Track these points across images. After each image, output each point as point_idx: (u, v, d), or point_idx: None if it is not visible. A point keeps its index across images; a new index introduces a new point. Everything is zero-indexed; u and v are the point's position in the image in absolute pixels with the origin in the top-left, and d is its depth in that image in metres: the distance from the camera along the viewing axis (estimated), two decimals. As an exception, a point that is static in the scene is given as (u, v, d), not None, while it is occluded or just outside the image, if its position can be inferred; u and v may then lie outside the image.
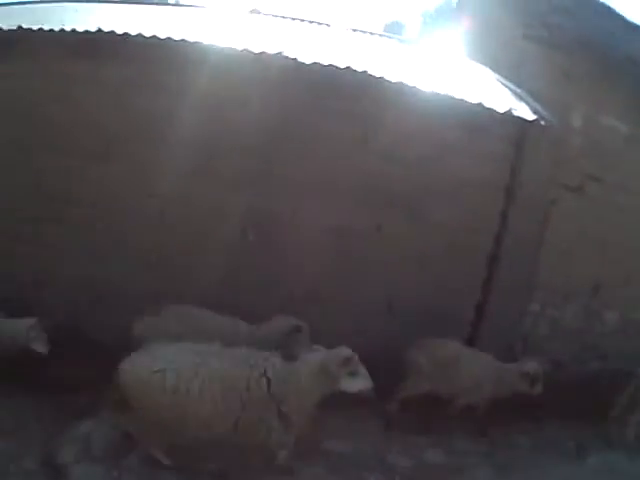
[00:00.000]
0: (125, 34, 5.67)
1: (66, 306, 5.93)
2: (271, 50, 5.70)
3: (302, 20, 10.42)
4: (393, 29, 22.27)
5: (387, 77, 5.84)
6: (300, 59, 5.70)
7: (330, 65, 5.69)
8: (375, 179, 6.21)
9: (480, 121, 6.38)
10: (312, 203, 6.08)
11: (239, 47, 5.70)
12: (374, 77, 5.75)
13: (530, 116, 6.48)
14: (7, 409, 5.33)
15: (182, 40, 5.68)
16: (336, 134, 5.96)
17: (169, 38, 5.66)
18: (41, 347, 5.40)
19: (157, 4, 10.03)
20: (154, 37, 5.66)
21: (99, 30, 5.77)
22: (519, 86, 7.40)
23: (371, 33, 10.93)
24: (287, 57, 5.66)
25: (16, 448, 4.95)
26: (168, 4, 11.63)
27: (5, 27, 6.20)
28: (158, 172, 5.87)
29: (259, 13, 10.52)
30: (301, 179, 6.03)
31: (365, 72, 5.74)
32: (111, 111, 5.94)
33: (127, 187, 5.99)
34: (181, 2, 12.71)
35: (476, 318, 6.74)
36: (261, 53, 5.64)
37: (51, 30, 5.94)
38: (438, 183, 6.41)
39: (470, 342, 6.56)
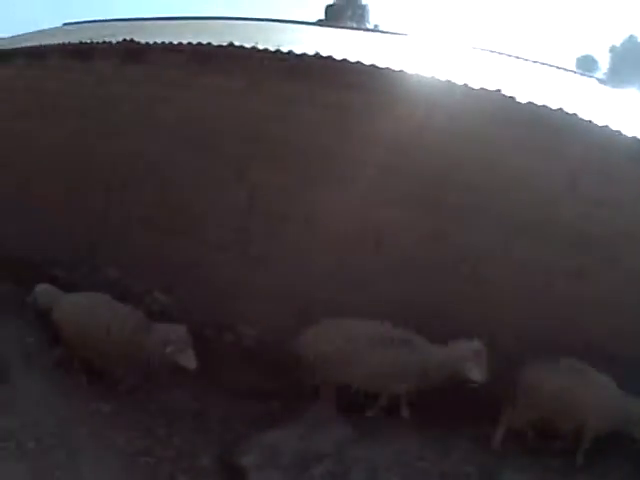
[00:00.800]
0: (344, 60, 5.98)
1: (269, 318, 6.29)
2: (489, 86, 5.81)
3: (498, 52, 10.63)
4: (585, 63, 22.60)
5: (595, 120, 5.88)
6: (517, 98, 5.74)
7: (543, 105, 5.70)
8: (580, 221, 6.02)
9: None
10: (520, 241, 6.00)
11: (457, 81, 5.83)
12: (584, 120, 5.77)
13: None
14: (190, 410, 5.69)
15: (401, 71, 5.89)
16: (544, 175, 5.89)
17: (388, 68, 5.89)
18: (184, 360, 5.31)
19: (356, 29, 10.50)
20: (373, 66, 5.90)
21: (317, 54, 6.13)
22: None
23: (565, 69, 11.02)
24: (505, 95, 5.73)
25: (194, 447, 5.23)
26: (367, 29, 12.14)
27: (215, 42, 6.75)
28: (373, 197, 6.08)
29: (476, 49, 10.76)
30: (511, 216, 5.96)
31: (575, 115, 5.79)
32: (328, 133, 6.22)
33: (340, 208, 6.17)
34: (380, 27, 13.26)
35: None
36: (480, 89, 5.75)
37: (266, 50, 6.38)
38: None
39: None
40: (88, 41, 8.13)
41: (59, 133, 7.98)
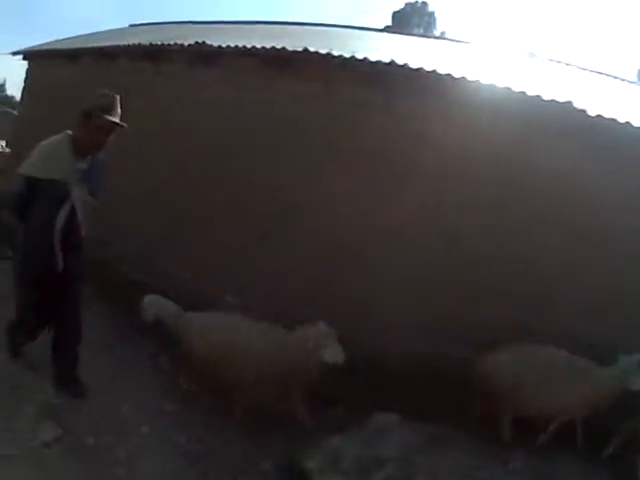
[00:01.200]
0: (420, 68, 6.03)
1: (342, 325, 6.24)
2: (558, 97, 5.79)
3: (561, 62, 10.61)
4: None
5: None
6: (587, 112, 5.72)
7: (612, 119, 5.69)
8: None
9: None
10: (587, 255, 5.98)
11: (530, 92, 5.84)
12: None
13: None
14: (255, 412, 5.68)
15: (476, 81, 5.93)
16: (612, 189, 5.85)
17: (464, 78, 5.94)
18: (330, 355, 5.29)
19: (425, 36, 10.57)
20: (449, 75, 5.95)
21: (392, 62, 6.18)
22: None
23: (627, 80, 11.08)
24: (576, 108, 5.72)
25: (257, 449, 5.26)
26: (435, 37, 12.24)
27: (290, 47, 6.86)
28: (447, 206, 6.12)
29: (535, 56, 10.75)
30: (578, 229, 5.94)
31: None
32: (401, 139, 6.27)
33: (413, 216, 6.21)
34: (447, 34, 13.43)
35: None
36: (551, 100, 5.75)
37: (340, 56, 6.47)
38: None
39: None
40: (159, 42, 8.31)
41: (126, 132, 8.08)
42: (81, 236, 4.80)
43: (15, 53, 12.47)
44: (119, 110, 4.72)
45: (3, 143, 13.91)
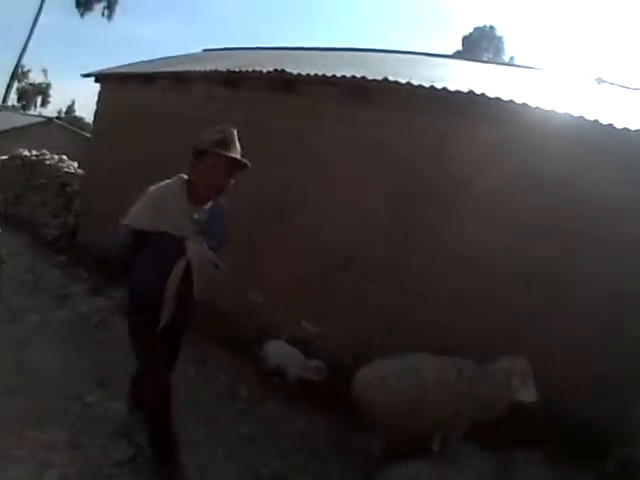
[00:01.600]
0: (497, 98, 6.06)
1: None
2: (620, 124, 5.65)
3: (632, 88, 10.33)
4: None
5: None
6: None
7: None
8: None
9: None
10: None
11: (600, 119, 5.72)
12: None
13: None
14: (330, 436, 5.69)
15: (552, 110, 5.89)
16: None
17: (538, 107, 5.91)
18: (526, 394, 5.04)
19: (496, 63, 10.55)
20: (524, 104, 5.95)
21: (470, 91, 6.23)
22: None
23: None
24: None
25: (331, 474, 5.18)
26: (506, 63, 12.17)
27: (370, 76, 6.94)
28: (520, 232, 6.05)
29: (604, 82, 10.63)
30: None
31: None
32: (478, 168, 6.25)
33: (489, 243, 6.19)
34: (515, 58, 13.44)
35: None
36: (623, 129, 5.61)
37: (420, 86, 6.55)
38: None
39: None
40: (236, 69, 8.44)
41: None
42: (194, 299, 4.24)
43: (86, 75, 12.55)
44: (238, 145, 4.09)
45: (75, 164, 14.23)
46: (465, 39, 49.68)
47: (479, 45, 48.12)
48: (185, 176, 4.13)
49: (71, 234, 11.97)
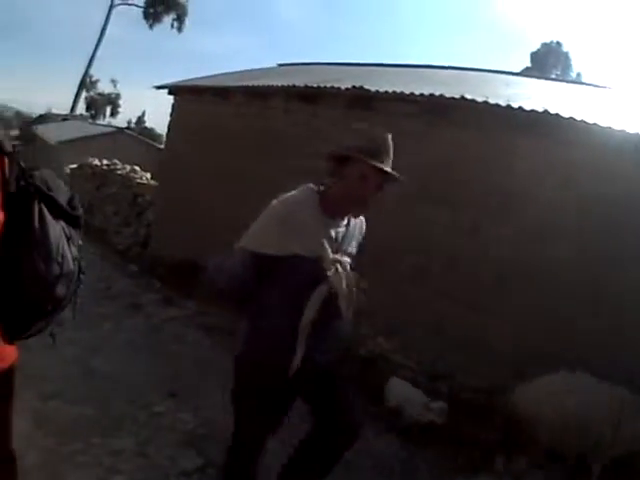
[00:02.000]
0: (570, 118, 6.01)
1: (486, 369, 6.29)
2: None
3: None
4: None
5: None
6: None
7: None
8: None
9: None
10: None
11: None
12: None
13: None
14: (398, 456, 5.56)
15: (623, 130, 5.84)
16: None
17: (610, 127, 5.86)
18: None
19: (560, 80, 10.50)
20: (595, 124, 5.89)
21: (545, 111, 6.19)
22: None
23: None
24: None
25: None
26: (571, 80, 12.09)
27: (448, 94, 6.98)
28: (591, 251, 6.04)
29: None
30: None
31: None
32: (553, 187, 6.26)
33: (562, 263, 6.14)
34: (582, 74, 13.43)
35: None
36: None
37: (497, 104, 6.54)
38: None
39: None
40: (314, 85, 8.51)
41: (276, 172, 8.36)
42: (345, 331, 3.48)
43: (160, 87, 12.85)
44: (391, 154, 3.33)
45: (148, 175, 14.52)
46: (533, 55, 50.31)
47: (547, 61, 48.63)
48: (314, 186, 3.34)
49: (142, 244, 12.23)
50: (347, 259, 3.31)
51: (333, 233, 3.24)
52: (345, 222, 3.35)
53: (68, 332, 6.72)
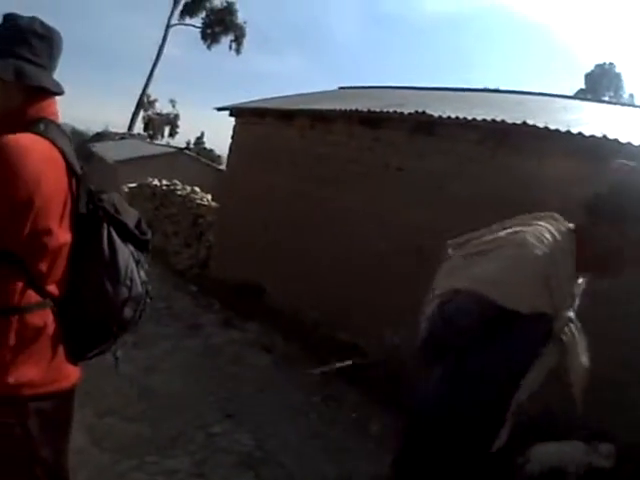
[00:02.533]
0: (628, 143, 5.96)
1: None
2: None
3: None
4: None
5: None
6: None
7: None
8: None
9: None
10: None
11: None
12: None
13: None
14: None
15: None
16: None
17: None
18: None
19: (615, 103, 10.42)
20: None
21: (604, 136, 6.19)
22: None
23: None
24: None
25: None
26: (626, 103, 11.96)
27: (509, 120, 7.00)
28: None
29: None
30: None
31: None
32: None
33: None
34: (635, 99, 13.43)
35: None
36: None
37: (557, 130, 6.55)
38: None
39: None
40: (377, 109, 8.60)
41: (348, 202, 8.59)
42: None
43: (221, 109, 13.00)
44: None
45: (209, 196, 14.68)
46: (587, 76, 50.39)
47: (600, 83, 48.76)
48: (572, 225, 2.62)
49: (201, 265, 12.38)
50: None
51: (576, 292, 2.53)
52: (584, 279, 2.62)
53: (127, 350, 6.96)
